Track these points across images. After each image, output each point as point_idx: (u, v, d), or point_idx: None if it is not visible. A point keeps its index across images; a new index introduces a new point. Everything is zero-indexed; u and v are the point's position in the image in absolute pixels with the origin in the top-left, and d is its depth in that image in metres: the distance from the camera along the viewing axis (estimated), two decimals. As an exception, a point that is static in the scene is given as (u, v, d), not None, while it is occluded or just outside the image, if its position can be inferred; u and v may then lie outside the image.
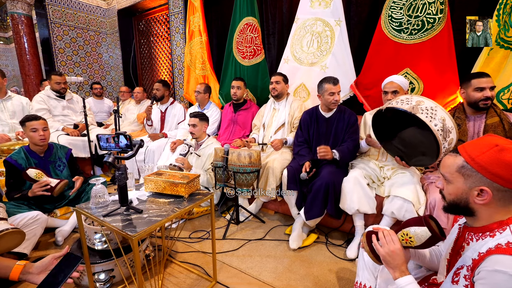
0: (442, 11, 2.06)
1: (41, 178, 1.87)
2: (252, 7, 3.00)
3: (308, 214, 1.93)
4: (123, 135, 1.28)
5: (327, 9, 2.61)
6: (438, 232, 0.85)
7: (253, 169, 2.11)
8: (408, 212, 1.67)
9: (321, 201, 1.90)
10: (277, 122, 2.63)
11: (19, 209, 1.79)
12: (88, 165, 3.20)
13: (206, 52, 3.55)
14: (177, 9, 4.06)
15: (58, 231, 2.03)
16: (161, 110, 3.47)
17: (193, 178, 1.48)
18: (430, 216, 0.89)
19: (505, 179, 0.71)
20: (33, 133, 1.98)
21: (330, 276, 1.67)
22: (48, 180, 1.88)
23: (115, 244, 1.61)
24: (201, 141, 2.53)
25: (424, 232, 0.86)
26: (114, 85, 5.53)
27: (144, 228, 1.12)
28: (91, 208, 1.31)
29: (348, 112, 2.20)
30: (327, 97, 2.13)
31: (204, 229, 2.23)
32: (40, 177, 1.87)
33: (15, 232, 1.44)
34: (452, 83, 2.15)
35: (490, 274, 0.67)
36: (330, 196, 1.89)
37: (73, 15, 4.83)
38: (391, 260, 0.89)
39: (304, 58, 2.81)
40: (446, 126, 1.42)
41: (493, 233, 0.74)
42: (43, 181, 1.86)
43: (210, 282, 1.61)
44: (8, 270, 0.99)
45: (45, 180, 1.87)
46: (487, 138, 0.78)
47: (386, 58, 2.35)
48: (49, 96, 3.11)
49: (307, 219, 1.94)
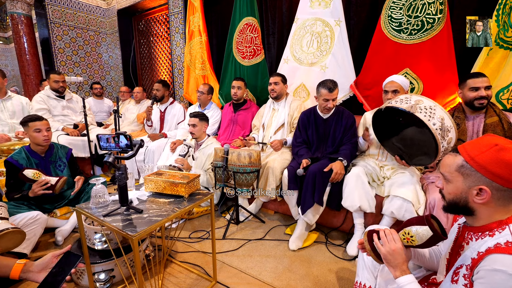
0: (442, 11, 2.06)
1: (39, 177, 1.86)
2: (252, 7, 3.00)
3: (302, 208, 1.96)
4: (123, 135, 1.28)
5: (327, 9, 2.61)
6: (439, 231, 0.85)
7: (253, 169, 2.11)
8: (408, 212, 1.68)
9: (311, 192, 1.94)
10: (277, 123, 2.63)
11: (19, 209, 1.79)
12: (88, 165, 3.20)
13: (206, 52, 3.55)
14: (177, 9, 4.06)
15: (58, 231, 2.03)
16: (160, 110, 3.48)
17: (193, 178, 1.48)
18: (432, 216, 0.89)
19: (504, 178, 0.71)
20: (37, 133, 1.98)
21: (330, 276, 1.67)
22: (47, 179, 1.87)
23: (115, 244, 1.61)
24: (201, 141, 2.53)
25: (426, 231, 0.85)
26: (114, 85, 5.53)
27: (144, 228, 1.12)
28: (91, 208, 1.31)
29: (346, 114, 2.20)
30: (321, 102, 2.16)
31: (204, 229, 2.23)
32: (38, 176, 1.85)
33: (16, 231, 1.45)
34: (451, 83, 2.15)
35: (489, 273, 0.67)
36: (317, 184, 1.92)
37: (72, 15, 4.83)
38: (392, 259, 0.88)
39: (304, 58, 2.81)
40: (444, 125, 1.42)
41: (492, 232, 0.74)
42: (42, 180, 1.85)
43: (210, 282, 1.61)
44: (8, 269, 0.99)
45: (44, 179, 1.86)
46: (487, 137, 0.79)
47: (386, 58, 2.35)
48: (49, 96, 3.11)
49: (302, 213, 1.96)
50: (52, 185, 1.87)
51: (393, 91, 1.96)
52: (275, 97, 2.63)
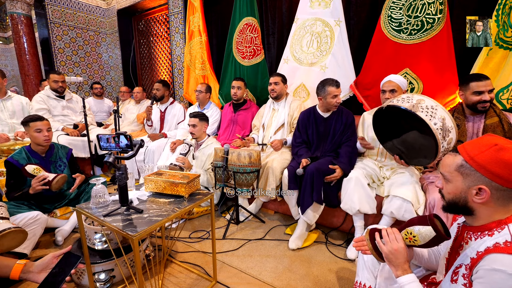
0: (442, 11, 2.06)
1: (39, 173, 1.88)
2: (252, 7, 3.00)
3: (302, 208, 1.97)
4: (123, 135, 1.28)
5: (327, 9, 2.61)
6: (443, 231, 0.84)
7: (253, 169, 2.11)
8: (407, 212, 1.68)
9: (309, 191, 1.94)
10: (277, 123, 2.63)
11: (19, 209, 1.79)
12: (88, 165, 3.20)
13: (206, 52, 3.55)
14: (176, 9, 4.06)
15: (58, 231, 2.03)
16: (160, 110, 3.48)
17: (193, 178, 1.48)
18: (435, 215, 0.88)
19: (503, 178, 0.71)
20: (38, 133, 1.98)
21: (330, 276, 1.68)
22: (45, 174, 1.88)
23: (115, 244, 1.61)
24: (201, 141, 2.53)
25: (429, 231, 0.84)
26: (113, 85, 5.53)
27: (145, 228, 1.12)
28: (91, 208, 1.31)
29: (345, 112, 2.21)
30: (330, 100, 2.13)
31: (204, 229, 2.23)
32: (38, 172, 1.87)
33: (18, 231, 1.45)
34: (451, 83, 2.15)
35: (488, 273, 0.67)
36: (315, 183, 1.92)
37: (72, 15, 4.83)
38: (393, 259, 0.88)
39: (304, 58, 2.81)
40: (445, 126, 1.42)
41: (491, 232, 0.75)
42: (40, 175, 1.86)
43: (210, 282, 1.61)
44: (8, 269, 0.99)
45: (43, 175, 1.87)
46: (487, 137, 0.79)
47: (386, 58, 2.35)
48: (49, 96, 3.11)
49: (302, 212, 1.97)
50: (49, 181, 1.87)
51: (390, 90, 1.96)
52: (275, 97, 2.63)
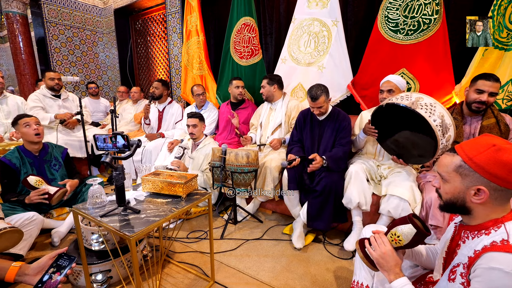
0: (438, 12, 2.08)
1: (41, 185, 1.85)
2: (250, 7, 3.00)
3: (313, 223, 1.95)
4: (120, 135, 1.27)
5: (324, 9, 2.62)
6: (422, 228, 0.89)
7: (251, 169, 2.11)
8: (405, 211, 1.69)
9: (327, 215, 1.93)
10: (274, 122, 2.63)
11: (14, 211, 1.77)
12: (84, 165, 3.18)
13: (203, 52, 3.54)
14: (174, 8, 4.05)
15: (54, 232, 2.01)
16: (158, 109, 3.46)
17: (190, 178, 1.47)
18: (414, 215, 0.94)
19: (502, 178, 0.71)
20: (27, 129, 1.97)
21: (328, 275, 1.68)
22: (46, 188, 1.85)
23: (113, 244, 1.60)
24: (198, 141, 2.52)
25: (410, 229, 0.89)
26: (110, 84, 5.50)
27: (142, 228, 1.12)
28: (88, 208, 1.30)
29: (342, 115, 2.15)
30: (309, 106, 2.16)
31: (202, 229, 2.22)
32: (40, 184, 1.84)
33: (14, 231, 1.43)
34: (447, 83, 2.17)
35: (485, 272, 0.68)
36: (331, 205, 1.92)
37: (69, 14, 4.79)
38: (384, 263, 0.90)
39: (302, 58, 2.82)
40: (445, 122, 1.43)
41: (488, 231, 0.75)
42: (41, 189, 1.83)
43: (208, 282, 1.61)
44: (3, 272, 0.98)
45: (44, 188, 1.84)
46: (484, 138, 0.79)
47: (383, 58, 2.36)
48: (45, 95, 3.08)
49: (309, 225, 1.98)
50: (50, 194, 1.85)
51: (388, 90, 1.98)
52: (265, 99, 2.65)
